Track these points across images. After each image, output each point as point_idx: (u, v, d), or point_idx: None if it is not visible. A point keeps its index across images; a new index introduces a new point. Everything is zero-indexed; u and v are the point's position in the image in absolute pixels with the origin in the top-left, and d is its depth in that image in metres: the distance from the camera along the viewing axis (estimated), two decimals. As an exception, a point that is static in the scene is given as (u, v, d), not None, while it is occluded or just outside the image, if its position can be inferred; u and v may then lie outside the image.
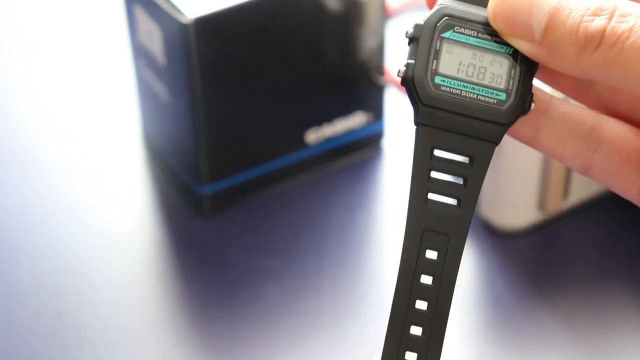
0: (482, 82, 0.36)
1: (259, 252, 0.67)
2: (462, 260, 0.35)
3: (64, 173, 0.74)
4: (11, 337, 0.62)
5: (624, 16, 0.33)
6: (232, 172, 0.69)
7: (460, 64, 0.36)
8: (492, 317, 0.64)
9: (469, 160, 0.36)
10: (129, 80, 0.77)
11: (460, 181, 0.37)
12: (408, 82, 0.36)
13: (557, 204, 0.67)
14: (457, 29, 0.36)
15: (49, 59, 0.83)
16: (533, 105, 0.36)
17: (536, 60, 0.36)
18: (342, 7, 0.67)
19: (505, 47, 0.36)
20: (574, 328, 0.63)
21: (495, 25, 0.36)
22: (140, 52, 0.70)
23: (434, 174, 0.36)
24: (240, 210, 0.70)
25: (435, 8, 0.36)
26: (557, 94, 0.40)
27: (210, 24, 0.62)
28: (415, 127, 0.37)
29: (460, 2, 0.37)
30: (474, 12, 0.36)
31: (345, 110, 0.71)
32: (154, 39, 0.66)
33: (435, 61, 0.36)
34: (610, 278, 0.66)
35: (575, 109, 0.39)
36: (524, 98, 0.36)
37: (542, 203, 0.66)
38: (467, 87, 0.36)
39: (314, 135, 0.71)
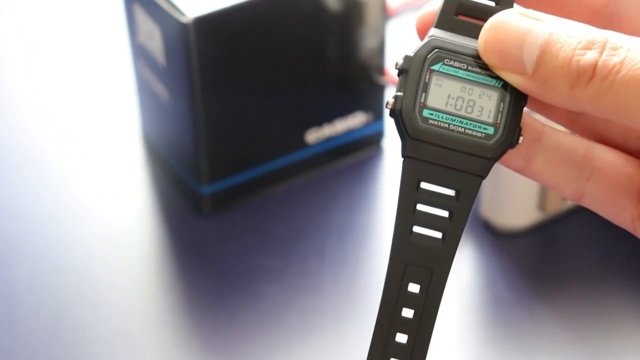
0: (470, 115, 0.36)
1: (259, 252, 0.67)
2: (462, 262, 0.35)
3: (64, 173, 0.74)
4: (11, 338, 0.62)
5: (615, 49, 0.33)
6: (232, 172, 0.69)
7: (449, 97, 0.36)
8: (492, 317, 0.64)
9: (455, 193, 0.36)
10: (129, 80, 0.76)
11: (446, 213, 0.36)
12: (396, 115, 0.36)
13: (557, 204, 0.67)
14: (447, 61, 0.36)
15: (49, 59, 0.83)
16: (521, 138, 0.36)
17: (528, 93, 0.35)
18: (342, 7, 0.67)
19: (495, 80, 0.36)
20: (574, 328, 0.63)
21: (485, 58, 0.35)
22: (140, 52, 0.70)
23: (420, 207, 0.36)
24: (240, 210, 0.70)
25: (425, 39, 0.36)
26: (549, 122, 0.40)
27: (210, 24, 0.62)
28: (402, 158, 0.36)
29: (452, 33, 0.36)
30: (465, 43, 0.36)
31: (345, 110, 0.71)
32: (154, 39, 0.66)
33: (424, 94, 0.36)
34: (610, 278, 0.66)
35: (567, 138, 0.39)
36: (511, 132, 0.36)
37: (542, 203, 0.66)
38: (455, 120, 0.36)
39: (314, 135, 0.71)
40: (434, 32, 0.36)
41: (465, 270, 0.65)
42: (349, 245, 0.68)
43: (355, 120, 0.72)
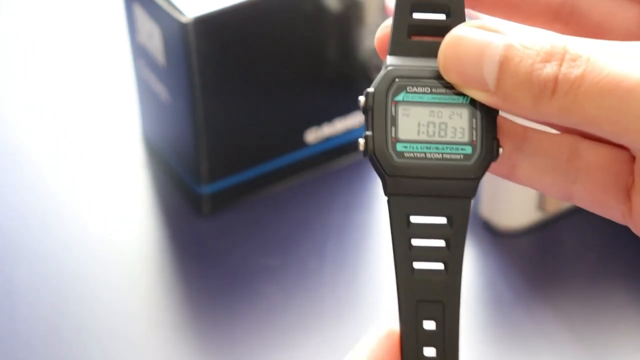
0: (444, 139, 0.35)
1: (258, 251, 0.67)
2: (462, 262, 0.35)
3: (64, 173, 0.74)
4: (12, 338, 0.62)
5: (574, 60, 0.32)
6: (232, 172, 0.69)
7: (419, 125, 0.35)
8: (492, 317, 0.64)
9: (447, 220, 0.35)
10: (129, 80, 0.76)
11: (442, 242, 0.36)
12: (370, 156, 0.35)
13: (557, 204, 0.67)
14: (409, 88, 0.35)
15: (49, 59, 0.83)
16: (501, 150, 0.35)
17: (493, 107, 0.35)
18: (342, 7, 0.67)
19: (461, 97, 0.35)
20: (574, 328, 0.62)
21: (447, 77, 0.35)
22: (140, 52, 0.70)
23: (415, 242, 0.35)
24: (240, 210, 0.70)
25: (383, 71, 0.35)
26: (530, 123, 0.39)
27: (210, 24, 0.62)
28: (386, 197, 0.36)
29: (408, 57, 0.35)
30: (424, 65, 0.35)
31: (345, 110, 0.71)
32: (154, 39, 0.66)
33: (393, 128, 0.35)
34: (610, 278, 0.66)
35: (551, 139, 0.38)
36: (490, 146, 0.35)
37: (542, 203, 0.66)
38: (430, 147, 0.35)
39: (313, 135, 0.71)
40: (390, 60, 0.35)
41: (466, 270, 0.65)
42: (349, 245, 0.68)
43: (355, 120, 0.72)
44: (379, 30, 0.37)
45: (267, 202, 0.71)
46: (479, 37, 0.34)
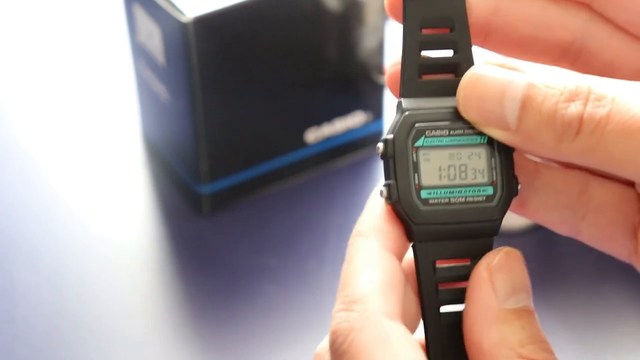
0: (465, 182, 0.35)
1: (258, 251, 0.67)
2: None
3: (64, 172, 0.74)
4: (12, 338, 0.62)
5: (599, 99, 0.32)
6: (232, 171, 0.69)
7: (440, 170, 0.35)
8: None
9: (472, 259, 0.36)
10: (129, 80, 0.77)
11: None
12: (396, 208, 0.35)
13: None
14: (428, 132, 0.35)
15: (49, 59, 0.83)
16: (519, 186, 0.35)
17: (513, 146, 0.35)
18: (342, 7, 0.67)
19: (478, 136, 0.35)
20: (574, 328, 0.62)
21: (466, 115, 0.34)
22: (139, 52, 0.70)
23: (441, 286, 0.35)
24: (240, 209, 0.70)
25: (400, 116, 0.35)
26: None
27: (210, 24, 0.62)
28: (411, 244, 0.35)
29: (422, 99, 0.35)
30: (439, 106, 0.35)
31: (345, 110, 0.71)
32: (154, 39, 0.66)
33: (416, 175, 0.35)
34: (610, 278, 0.66)
35: (562, 175, 0.38)
36: (510, 185, 0.35)
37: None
38: (453, 192, 0.35)
39: (313, 135, 0.71)
40: (405, 104, 0.35)
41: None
42: (349, 245, 0.68)
43: (355, 119, 0.72)
44: (389, 68, 0.37)
45: (267, 202, 0.71)
46: (499, 75, 0.33)
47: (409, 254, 0.36)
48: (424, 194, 0.35)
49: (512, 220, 0.66)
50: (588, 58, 0.37)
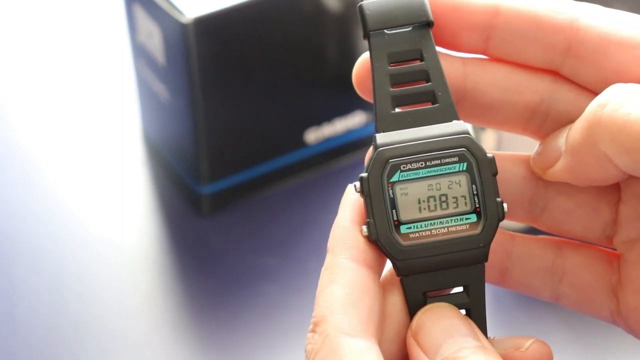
0: (447, 212, 0.34)
1: (258, 251, 0.67)
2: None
3: (64, 172, 0.74)
4: (12, 338, 0.62)
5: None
6: (232, 172, 0.69)
7: (419, 202, 0.34)
8: (492, 317, 0.64)
9: (464, 289, 0.35)
10: (129, 80, 0.77)
11: (462, 312, 0.35)
12: (377, 244, 0.34)
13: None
14: (403, 167, 0.34)
15: (49, 59, 0.83)
16: (506, 206, 0.35)
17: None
18: (342, 7, 0.67)
19: (457, 164, 0.34)
20: (574, 328, 0.62)
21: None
22: (140, 52, 0.70)
23: None
24: (240, 210, 0.70)
25: (373, 153, 0.35)
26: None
27: (210, 24, 0.62)
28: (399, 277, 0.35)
29: (396, 132, 0.35)
30: (414, 137, 0.35)
31: (344, 110, 0.71)
32: (154, 39, 0.66)
33: (394, 211, 0.34)
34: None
35: (536, 243, 0.38)
36: (494, 211, 0.35)
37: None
38: (435, 223, 0.34)
39: (313, 135, 0.71)
40: (379, 139, 0.35)
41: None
42: (349, 245, 0.68)
43: (355, 120, 0.72)
44: (358, 65, 0.37)
45: (268, 202, 0.71)
46: None
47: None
48: (403, 229, 0.34)
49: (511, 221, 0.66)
50: (556, 117, 0.37)
